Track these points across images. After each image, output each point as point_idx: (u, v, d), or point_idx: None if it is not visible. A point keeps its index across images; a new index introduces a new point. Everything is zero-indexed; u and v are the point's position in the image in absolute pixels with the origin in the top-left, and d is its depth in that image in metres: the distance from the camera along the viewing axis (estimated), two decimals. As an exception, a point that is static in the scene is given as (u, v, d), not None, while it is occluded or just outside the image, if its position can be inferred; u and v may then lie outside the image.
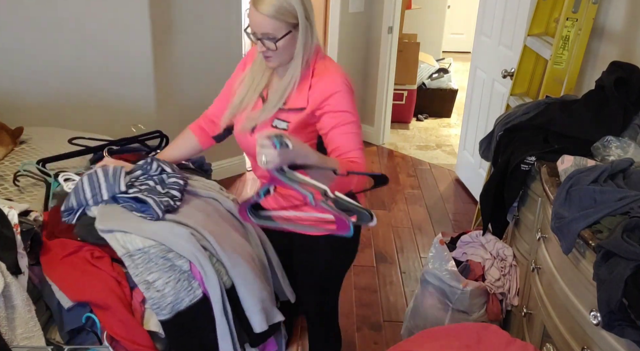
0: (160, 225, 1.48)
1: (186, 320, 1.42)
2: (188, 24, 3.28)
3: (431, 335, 1.56)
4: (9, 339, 1.35)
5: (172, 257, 1.44)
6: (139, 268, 1.42)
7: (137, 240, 1.45)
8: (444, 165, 4.37)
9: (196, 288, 1.44)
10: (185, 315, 1.42)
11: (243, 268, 1.53)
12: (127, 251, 1.44)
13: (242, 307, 1.54)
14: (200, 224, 1.52)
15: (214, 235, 1.51)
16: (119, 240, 1.46)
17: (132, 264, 1.42)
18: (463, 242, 2.35)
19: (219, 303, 1.43)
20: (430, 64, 5.40)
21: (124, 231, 1.46)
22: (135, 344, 1.38)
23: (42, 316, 1.45)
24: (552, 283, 1.68)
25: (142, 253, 1.43)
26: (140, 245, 1.44)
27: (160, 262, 1.43)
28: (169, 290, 1.41)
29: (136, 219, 1.50)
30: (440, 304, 2.19)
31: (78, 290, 1.41)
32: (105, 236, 1.47)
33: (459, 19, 7.26)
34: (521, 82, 2.90)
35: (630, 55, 2.25)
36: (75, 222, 1.55)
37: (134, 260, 1.43)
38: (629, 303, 1.21)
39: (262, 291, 1.58)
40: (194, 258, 1.45)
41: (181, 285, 1.43)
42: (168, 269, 1.43)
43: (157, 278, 1.42)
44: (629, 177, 1.56)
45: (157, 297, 1.40)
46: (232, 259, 1.51)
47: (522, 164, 2.00)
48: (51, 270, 1.46)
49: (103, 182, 1.55)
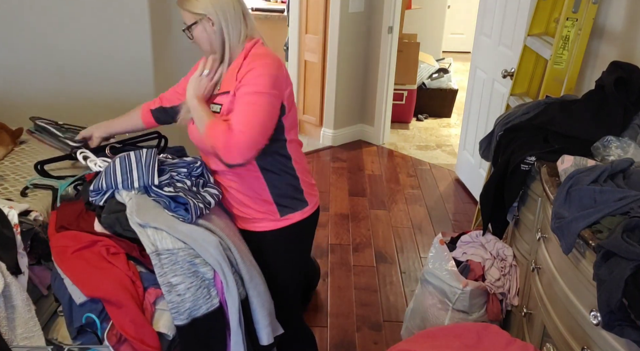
0: (192, 228, 1.48)
1: (201, 328, 1.43)
2: (188, 24, 3.28)
3: (431, 335, 1.56)
4: (9, 339, 1.35)
5: (199, 263, 1.45)
6: (165, 268, 1.42)
7: (167, 239, 1.45)
8: (444, 165, 4.37)
9: (214, 297, 1.45)
10: (201, 322, 1.42)
11: (257, 281, 1.56)
12: (156, 249, 1.44)
13: (252, 319, 1.55)
14: (225, 233, 1.53)
15: (236, 246, 1.52)
16: (149, 236, 1.46)
17: (159, 263, 1.42)
18: (463, 242, 2.35)
19: (236, 314, 1.44)
20: (430, 64, 5.40)
21: (157, 228, 1.46)
22: (145, 345, 1.39)
23: (42, 316, 1.45)
24: (552, 283, 1.68)
25: (170, 254, 1.43)
26: (170, 245, 1.44)
27: (186, 266, 1.43)
28: (189, 295, 1.42)
29: (169, 217, 1.50)
30: (440, 304, 2.19)
31: (92, 286, 1.41)
32: (137, 229, 1.47)
33: (459, 19, 7.26)
34: (521, 82, 2.90)
35: (630, 55, 2.25)
36: (102, 203, 1.57)
37: (160, 260, 1.43)
38: (629, 303, 1.21)
39: (271, 304, 1.61)
40: (219, 268, 1.46)
41: (201, 293, 1.43)
42: (192, 275, 1.44)
43: (181, 282, 1.42)
44: (629, 177, 1.56)
45: (177, 301, 1.41)
46: (249, 272, 1.53)
47: (522, 164, 2.00)
48: (63, 263, 1.46)
49: (135, 168, 1.55)
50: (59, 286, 1.46)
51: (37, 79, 2.88)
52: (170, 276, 1.42)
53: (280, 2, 5.36)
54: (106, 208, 1.56)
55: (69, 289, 1.42)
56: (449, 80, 5.38)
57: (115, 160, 1.58)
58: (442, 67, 5.48)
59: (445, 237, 2.41)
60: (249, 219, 1.71)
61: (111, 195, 1.57)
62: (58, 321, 1.58)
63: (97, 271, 1.43)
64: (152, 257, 1.43)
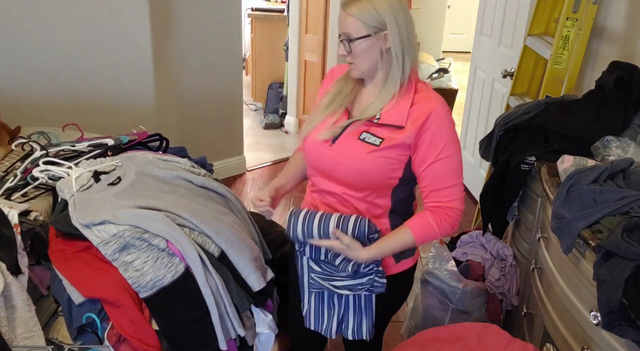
0: (134, 211, 1.48)
1: (171, 295, 1.43)
2: (188, 24, 3.28)
3: (431, 335, 1.56)
4: (9, 339, 1.35)
5: (148, 237, 1.45)
6: (115, 253, 1.43)
7: (110, 226, 1.46)
8: (444, 165, 4.36)
9: (177, 263, 1.45)
10: (170, 290, 1.43)
11: (228, 233, 1.53)
12: (102, 239, 1.45)
13: (238, 271, 1.54)
14: (171, 205, 1.52)
15: (188, 211, 1.51)
16: (92, 230, 1.47)
17: (109, 251, 1.43)
18: (463, 242, 2.35)
19: (202, 275, 1.44)
20: (430, 64, 5.40)
21: (101, 223, 1.47)
22: (144, 344, 1.39)
23: (42, 316, 1.45)
24: (552, 283, 1.68)
25: (118, 237, 1.44)
26: (115, 230, 1.45)
27: (137, 243, 1.44)
28: (148, 268, 1.42)
29: (108, 207, 1.50)
30: (440, 304, 2.19)
31: (91, 286, 1.42)
32: (80, 228, 1.48)
33: (459, 19, 7.26)
34: (521, 82, 2.90)
35: (630, 55, 2.25)
36: None
37: (110, 247, 1.43)
38: (629, 303, 1.21)
39: (253, 251, 1.58)
40: (170, 236, 1.45)
41: (161, 263, 1.43)
42: (146, 249, 1.44)
43: (135, 258, 1.43)
44: (629, 177, 1.56)
45: (136, 276, 1.41)
46: (214, 228, 1.51)
47: (522, 164, 2.00)
48: (61, 264, 1.47)
49: None
50: (58, 287, 1.46)
51: (36, 79, 2.88)
52: (124, 255, 1.43)
53: (280, 2, 5.36)
54: (56, 209, 1.59)
55: (68, 290, 1.43)
56: (449, 80, 5.37)
57: None
58: (442, 67, 5.47)
59: (445, 237, 2.41)
60: None
61: None
62: (58, 321, 1.58)
63: (94, 271, 1.44)
64: (100, 247, 1.44)
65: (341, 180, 1.46)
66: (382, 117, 1.41)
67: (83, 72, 2.95)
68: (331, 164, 1.45)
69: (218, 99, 3.65)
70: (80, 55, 2.91)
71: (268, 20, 4.95)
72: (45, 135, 2.06)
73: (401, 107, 1.40)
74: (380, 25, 1.35)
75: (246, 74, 5.93)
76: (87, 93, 2.99)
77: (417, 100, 1.40)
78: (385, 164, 1.40)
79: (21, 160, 1.87)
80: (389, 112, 1.41)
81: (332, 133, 1.45)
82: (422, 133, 1.38)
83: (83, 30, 2.86)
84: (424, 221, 1.44)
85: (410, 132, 1.38)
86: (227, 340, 1.48)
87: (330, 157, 1.45)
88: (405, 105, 1.39)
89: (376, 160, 1.40)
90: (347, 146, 1.43)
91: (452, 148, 1.40)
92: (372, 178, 1.42)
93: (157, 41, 3.07)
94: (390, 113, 1.40)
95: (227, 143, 3.89)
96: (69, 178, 1.65)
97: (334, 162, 1.44)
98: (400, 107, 1.40)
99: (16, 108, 2.74)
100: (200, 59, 3.41)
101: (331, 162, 1.45)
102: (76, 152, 1.91)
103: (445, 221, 1.43)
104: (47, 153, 1.86)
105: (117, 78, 3.02)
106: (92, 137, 2.09)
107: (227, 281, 1.50)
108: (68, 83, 2.94)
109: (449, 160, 1.40)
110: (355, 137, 1.43)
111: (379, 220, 1.50)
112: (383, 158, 1.40)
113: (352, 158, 1.41)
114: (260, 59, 5.09)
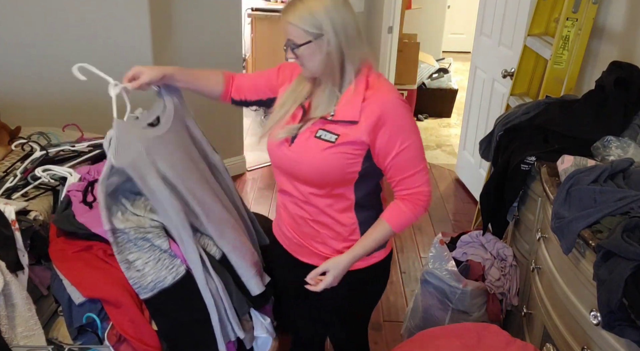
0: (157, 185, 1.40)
1: (172, 296, 1.43)
2: (188, 24, 3.28)
3: (431, 335, 1.56)
4: (8, 338, 1.35)
5: (151, 237, 1.44)
6: (119, 246, 1.43)
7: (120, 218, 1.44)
8: (444, 165, 4.37)
9: (179, 265, 1.45)
10: (171, 292, 1.43)
11: (230, 237, 1.54)
12: (112, 226, 1.42)
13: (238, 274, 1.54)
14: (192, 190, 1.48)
15: (202, 205, 1.49)
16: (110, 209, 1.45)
17: (115, 241, 1.42)
18: (463, 242, 2.35)
19: (202, 278, 1.44)
20: (430, 64, 5.40)
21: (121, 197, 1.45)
22: (144, 344, 1.39)
23: (42, 316, 1.45)
24: (552, 283, 1.68)
25: (122, 233, 1.43)
26: (121, 225, 1.44)
27: (139, 243, 1.43)
28: (149, 269, 1.42)
29: (142, 162, 1.41)
30: (440, 304, 2.19)
31: (91, 286, 1.41)
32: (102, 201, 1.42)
33: (459, 19, 7.26)
34: (521, 82, 2.90)
35: (630, 55, 2.25)
36: None
37: (116, 238, 1.43)
38: (629, 303, 1.21)
39: (253, 255, 1.59)
40: (175, 232, 1.44)
41: (162, 264, 1.43)
42: (148, 249, 1.44)
43: (137, 258, 1.43)
44: (629, 177, 1.56)
45: (137, 277, 1.41)
46: (218, 229, 1.51)
47: (522, 164, 2.00)
48: (62, 264, 1.47)
49: None
50: (58, 287, 1.46)
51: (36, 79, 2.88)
52: (127, 253, 1.42)
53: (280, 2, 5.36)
54: (58, 208, 1.57)
55: (68, 290, 1.43)
56: (449, 80, 5.38)
57: None
58: (442, 67, 5.48)
59: (445, 237, 2.41)
60: None
61: None
62: (58, 321, 1.58)
63: (95, 271, 1.44)
64: (109, 234, 1.42)
65: (301, 178, 1.50)
66: (336, 113, 1.44)
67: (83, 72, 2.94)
68: (291, 164, 1.49)
69: (218, 99, 3.64)
70: (80, 56, 2.91)
71: (268, 20, 4.95)
72: (45, 136, 2.06)
73: (354, 102, 1.42)
74: (318, 30, 1.37)
75: (246, 74, 5.93)
76: (87, 93, 2.98)
77: (368, 95, 1.42)
78: (342, 160, 1.43)
79: (21, 160, 1.88)
80: (343, 108, 1.43)
81: (289, 132, 1.49)
82: (379, 129, 1.40)
83: (83, 30, 2.86)
84: (398, 211, 1.49)
85: (364, 126, 1.40)
86: (226, 342, 1.48)
87: (290, 157, 1.49)
88: (357, 100, 1.42)
89: (332, 156, 1.42)
90: (305, 145, 1.46)
91: (411, 136, 1.43)
92: (330, 175, 1.45)
93: (157, 41, 3.07)
94: (344, 109, 1.43)
95: (227, 143, 3.89)
96: None
97: (293, 163, 1.48)
98: (353, 103, 1.42)
99: (16, 108, 2.73)
100: (200, 59, 3.41)
101: (291, 162, 1.49)
102: (76, 152, 1.93)
103: (419, 205, 1.47)
104: (47, 154, 1.87)
105: (118, 78, 3.01)
106: (92, 137, 2.10)
107: (227, 284, 1.50)
108: (68, 83, 2.92)
109: (410, 148, 1.43)
110: (312, 135, 1.46)
111: (344, 214, 1.53)
112: (339, 154, 1.42)
113: (310, 157, 1.45)
114: (260, 59, 5.09)
